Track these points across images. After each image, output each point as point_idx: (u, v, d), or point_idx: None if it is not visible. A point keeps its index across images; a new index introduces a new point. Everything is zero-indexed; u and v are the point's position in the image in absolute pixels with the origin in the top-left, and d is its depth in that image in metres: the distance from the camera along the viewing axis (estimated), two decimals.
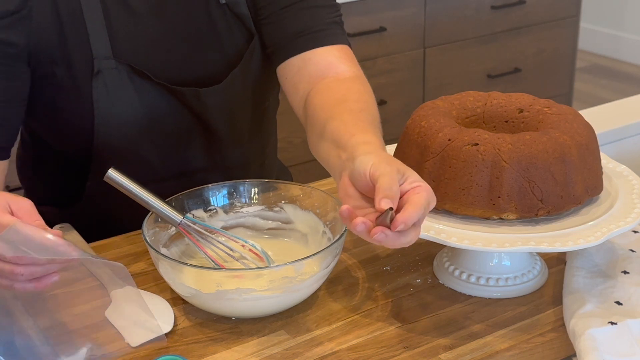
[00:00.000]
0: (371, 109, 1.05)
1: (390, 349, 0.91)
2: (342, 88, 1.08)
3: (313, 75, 1.12)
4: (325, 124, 0.99)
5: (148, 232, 0.98)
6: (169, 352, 0.91)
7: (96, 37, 1.10)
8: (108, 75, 1.11)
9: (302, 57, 1.14)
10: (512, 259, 1.01)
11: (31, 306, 0.98)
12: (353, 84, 1.10)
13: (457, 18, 2.78)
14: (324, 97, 1.07)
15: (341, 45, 1.16)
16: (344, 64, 1.14)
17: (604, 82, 4.13)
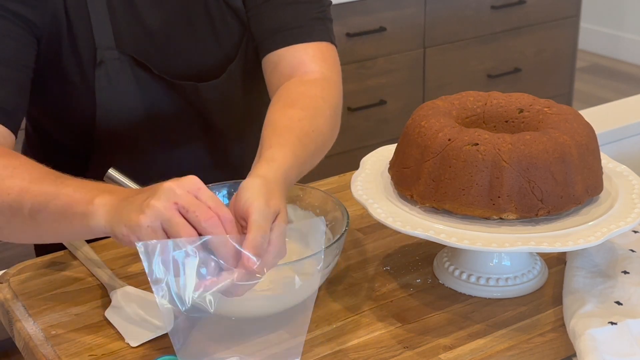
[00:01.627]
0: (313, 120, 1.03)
1: (390, 349, 0.91)
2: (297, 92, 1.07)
3: (284, 74, 1.12)
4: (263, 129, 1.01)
5: None
6: (169, 352, 0.91)
7: (99, 27, 1.10)
8: (110, 66, 1.11)
9: (277, 54, 1.14)
10: (512, 259, 1.01)
11: None
12: (310, 87, 1.09)
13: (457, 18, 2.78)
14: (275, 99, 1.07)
15: (319, 43, 1.14)
16: (315, 63, 1.13)
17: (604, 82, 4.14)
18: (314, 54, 1.13)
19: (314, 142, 1.01)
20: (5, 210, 0.91)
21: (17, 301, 1.01)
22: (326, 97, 1.08)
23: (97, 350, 0.92)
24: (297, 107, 1.03)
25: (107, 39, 1.11)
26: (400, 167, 1.00)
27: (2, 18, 1.03)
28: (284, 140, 0.96)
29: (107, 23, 1.11)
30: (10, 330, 1.00)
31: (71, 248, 1.10)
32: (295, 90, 1.08)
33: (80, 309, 0.99)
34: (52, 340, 0.93)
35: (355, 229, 1.14)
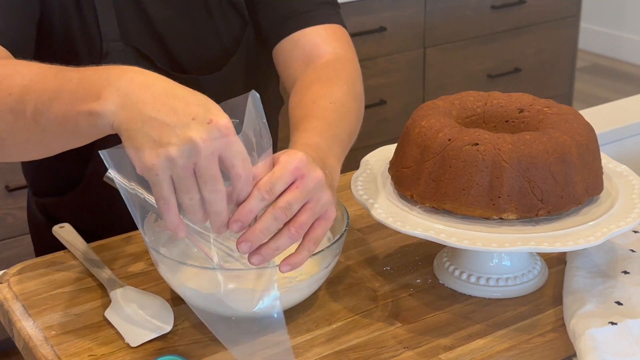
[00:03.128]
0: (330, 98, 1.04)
1: (390, 349, 0.91)
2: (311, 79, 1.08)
3: (299, 59, 1.13)
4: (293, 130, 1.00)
5: (148, 232, 0.98)
6: (169, 352, 0.91)
7: (105, 18, 1.11)
8: (116, 57, 1.12)
9: (291, 39, 1.14)
10: (512, 259, 1.01)
11: None
12: (323, 70, 1.10)
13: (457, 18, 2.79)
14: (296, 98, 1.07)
15: (330, 25, 1.16)
16: (328, 44, 1.14)
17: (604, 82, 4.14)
18: (327, 35, 1.14)
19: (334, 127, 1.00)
20: (7, 115, 0.85)
21: (17, 301, 1.01)
22: (344, 76, 1.09)
23: (97, 350, 0.92)
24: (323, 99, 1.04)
25: (113, 30, 1.12)
26: (400, 167, 1.00)
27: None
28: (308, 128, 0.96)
29: (112, 15, 1.12)
30: (10, 330, 1.00)
31: (71, 248, 1.10)
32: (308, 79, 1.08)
33: (80, 309, 0.99)
34: (52, 340, 0.93)
35: (355, 229, 1.14)
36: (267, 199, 0.80)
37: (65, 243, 1.11)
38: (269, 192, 0.80)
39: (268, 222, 0.80)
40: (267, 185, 0.80)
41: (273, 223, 0.81)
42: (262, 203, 0.80)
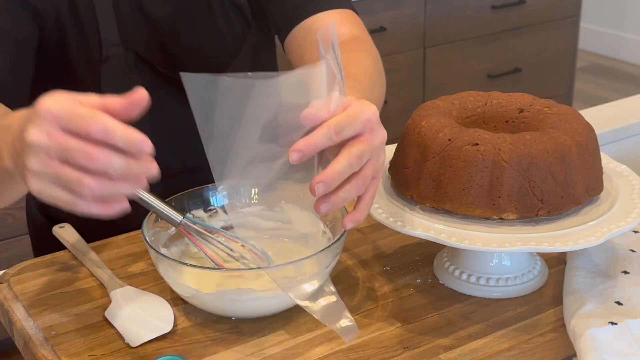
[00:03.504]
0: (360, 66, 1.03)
1: (390, 349, 0.91)
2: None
3: (315, 43, 1.13)
4: None
5: (148, 232, 0.98)
6: (169, 352, 0.91)
7: (105, 23, 1.11)
8: (116, 62, 1.12)
9: (303, 26, 1.14)
10: (512, 259, 1.01)
11: None
12: (348, 44, 1.10)
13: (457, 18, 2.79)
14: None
15: (342, 10, 1.16)
16: (343, 26, 1.14)
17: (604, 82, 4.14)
18: (341, 18, 1.14)
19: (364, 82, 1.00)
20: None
21: (17, 301, 1.01)
22: (363, 49, 1.09)
23: (97, 350, 0.92)
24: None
25: (113, 35, 1.12)
26: (400, 167, 1.00)
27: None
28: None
29: (112, 19, 1.12)
30: (10, 330, 1.00)
31: (71, 248, 1.10)
32: None
33: (80, 309, 0.99)
34: (52, 340, 0.93)
35: (355, 229, 1.14)
36: (333, 139, 0.77)
37: (65, 243, 1.11)
38: (338, 134, 0.77)
39: (344, 167, 0.78)
40: (338, 126, 0.77)
41: (347, 169, 0.78)
42: (327, 141, 0.77)
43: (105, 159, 0.71)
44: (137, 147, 0.72)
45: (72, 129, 0.71)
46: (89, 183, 0.71)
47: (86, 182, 0.71)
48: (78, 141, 0.71)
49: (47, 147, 0.71)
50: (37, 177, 0.73)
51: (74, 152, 0.70)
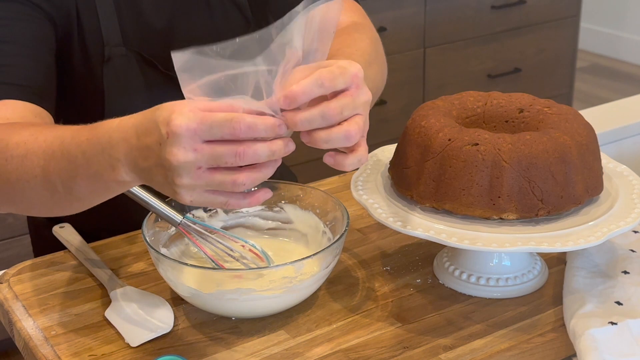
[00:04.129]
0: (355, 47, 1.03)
1: (390, 349, 0.91)
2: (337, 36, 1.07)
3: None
4: None
5: (148, 232, 0.98)
6: (169, 352, 0.91)
7: (107, 24, 1.11)
8: (118, 63, 1.12)
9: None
10: (512, 259, 1.01)
11: None
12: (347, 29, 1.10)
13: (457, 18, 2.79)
14: None
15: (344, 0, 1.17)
16: (344, 14, 1.15)
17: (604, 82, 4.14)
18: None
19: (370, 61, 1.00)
20: (43, 192, 0.89)
21: (17, 301, 1.01)
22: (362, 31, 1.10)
23: (97, 350, 0.92)
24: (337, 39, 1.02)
25: (115, 35, 1.12)
26: (400, 167, 1.00)
27: (22, 4, 1.04)
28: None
29: (114, 20, 1.12)
30: (10, 330, 1.00)
31: (71, 248, 1.10)
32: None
33: (80, 309, 0.99)
34: (52, 340, 0.93)
35: (355, 229, 1.14)
36: (326, 86, 0.77)
37: (65, 243, 1.11)
38: (330, 81, 0.77)
39: (314, 116, 0.77)
40: (330, 74, 0.77)
41: (318, 119, 0.77)
42: (318, 90, 0.76)
43: (253, 152, 0.75)
44: (277, 131, 0.76)
45: (214, 137, 0.74)
46: (242, 179, 0.76)
47: (239, 179, 0.76)
48: (224, 145, 0.74)
49: (196, 162, 0.74)
50: (189, 190, 0.77)
51: (224, 156, 0.74)
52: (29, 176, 0.89)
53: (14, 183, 0.90)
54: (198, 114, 0.74)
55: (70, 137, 0.86)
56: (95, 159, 0.82)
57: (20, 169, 0.89)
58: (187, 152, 0.74)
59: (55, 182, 0.87)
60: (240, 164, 0.75)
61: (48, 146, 0.87)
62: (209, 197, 0.78)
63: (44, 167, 0.87)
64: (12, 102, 0.99)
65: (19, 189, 0.91)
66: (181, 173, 0.75)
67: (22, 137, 0.90)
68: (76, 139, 0.85)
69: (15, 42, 1.02)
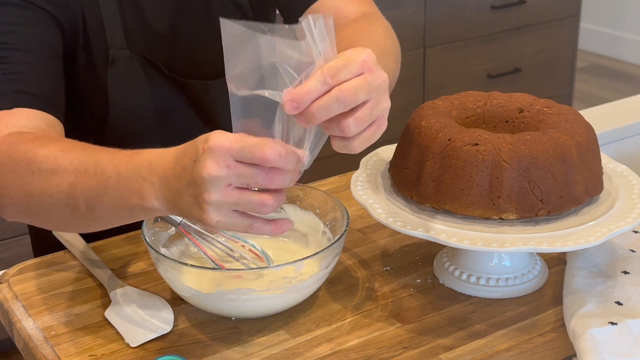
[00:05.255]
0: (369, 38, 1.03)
1: (390, 349, 0.91)
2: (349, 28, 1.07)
3: None
4: None
5: (148, 232, 0.98)
6: (169, 352, 0.91)
7: (111, 27, 1.11)
8: (122, 65, 1.12)
9: (311, 11, 1.14)
10: (512, 259, 1.01)
11: None
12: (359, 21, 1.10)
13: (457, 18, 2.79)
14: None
15: None
16: (352, 5, 1.14)
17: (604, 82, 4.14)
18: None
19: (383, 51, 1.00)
20: (64, 208, 0.89)
21: (17, 301, 1.01)
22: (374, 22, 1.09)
23: (97, 350, 0.92)
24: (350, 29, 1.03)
25: (119, 38, 1.12)
26: (400, 167, 1.00)
27: (31, 10, 1.04)
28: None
29: (118, 23, 1.12)
30: (10, 330, 1.00)
31: (71, 248, 1.10)
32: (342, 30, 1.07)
33: (80, 309, 0.99)
34: (52, 340, 0.93)
35: (355, 229, 1.14)
36: (329, 83, 0.76)
37: (65, 243, 1.11)
38: (333, 77, 0.76)
39: (330, 101, 0.76)
40: (332, 69, 0.76)
41: (334, 104, 0.76)
42: (323, 87, 0.76)
43: (282, 178, 0.76)
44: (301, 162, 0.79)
45: (245, 159, 0.75)
46: (269, 201, 0.77)
47: (267, 200, 0.77)
48: (255, 167, 0.76)
49: (227, 177, 0.75)
50: (217, 208, 0.77)
51: (255, 176, 0.76)
52: (53, 191, 0.89)
53: (35, 196, 0.91)
54: (233, 136, 0.76)
55: (108, 159, 0.86)
56: (129, 181, 0.83)
57: (46, 183, 0.89)
58: (219, 167, 0.75)
59: (79, 200, 0.88)
60: (269, 186, 0.77)
61: (81, 163, 0.88)
62: (236, 219, 0.79)
63: (72, 183, 0.88)
64: (25, 111, 1.00)
65: (40, 203, 0.91)
66: (211, 188, 0.76)
67: (51, 152, 0.90)
68: (115, 160, 0.86)
69: (25, 49, 1.03)
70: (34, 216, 0.95)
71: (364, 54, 0.78)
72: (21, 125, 0.97)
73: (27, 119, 0.99)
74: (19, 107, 0.99)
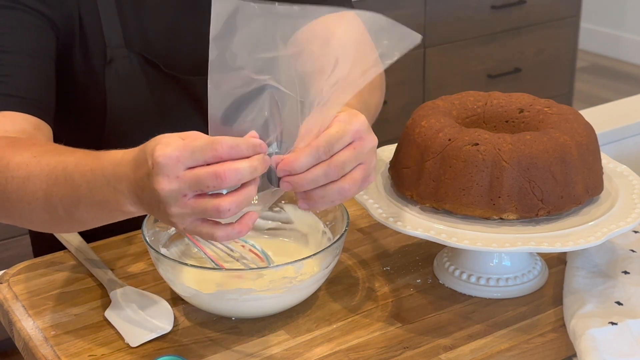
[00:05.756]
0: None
1: (390, 349, 0.91)
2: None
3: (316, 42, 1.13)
4: None
5: (148, 232, 0.98)
6: (169, 352, 0.91)
7: (109, 26, 1.11)
8: (120, 64, 1.12)
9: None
10: (513, 259, 1.01)
11: None
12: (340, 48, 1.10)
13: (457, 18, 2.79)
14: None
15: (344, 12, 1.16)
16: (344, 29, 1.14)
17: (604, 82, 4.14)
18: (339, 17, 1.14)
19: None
20: (43, 214, 0.90)
21: (16, 301, 1.01)
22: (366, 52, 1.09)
23: (97, 350, 0.92)
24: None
25: (117, 37, 1.12)
26: (400, 167, 1.00)
27: (23, 12, 1.04)
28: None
29: (116, 22, 1.12)
30: (10, 330, 1.00)
31: (71, 248, 1.10)
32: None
33: (80, 309, 0.99)
34: (52, 340, 0.93)
35: (355, 229, 1.14)
36: (322, 158, 0.78)
37: (65, 243, 1.11)
38: (327, 153, 0.78)
39: (318, 175, 0.79)
40: (327, 145, 0.78)
41: (322, 178, 0.79)
42: (315, 161, 0.78)
43: (234, 171, 0.75)
44: (259, 149, 0.77)
45: (197, 163, 0.75)
46: (225, 204, 0.75)
47: (223, 204, 0.75)
48: (204, 169, 0.75)
49: (180, 189, 0.75)
50: (180, 219, 0.78)
51: (205, 180, 0.75)
52: (30, 198, 0.90)
53: (14, 203, 0.91)
54: (180, 142, 0.76)
55: (74, 165, 0.86)
56: (99, 190, 0.83)
57: (21, 191, 0.90)
58: (170, 180, 0.75)
59: (56, 206, 0.88)
60: (223, 185, 0.75)
61: (51, 170, 0.88)
62: (199, 227, 0.79)
63: (46, 190, 0.88)
64: (11, 114, 1.00)
65: (19, 209, 0.92)
66: (169, 202, 0.76)
67: (24, 158, 0.91)
68: (80, 167, 0.86)
69: (15, 52, 1.03)
70: (15, 219, 0.96)
71: (357, 123, 0.80)
72: (5, 130, 0.98)
73: (13, 122, 0.99)
74: (5, 109, 1.00)
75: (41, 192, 0.88)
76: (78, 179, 0.85)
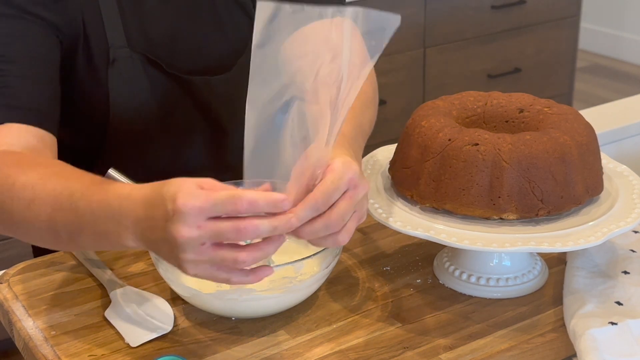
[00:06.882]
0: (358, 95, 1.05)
1: (391, 349, 0.91)
2: None
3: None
4: None
5: None
6: (169, 352, 0.91)
7: (111, 26, 1.11)
8: (123, 65, 1.12)
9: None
10: (513, 259, 1.01)
11: None
12: None
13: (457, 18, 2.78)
14: None
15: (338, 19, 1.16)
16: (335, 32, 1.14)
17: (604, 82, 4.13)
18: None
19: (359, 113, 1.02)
20: (46, 235, 0.91)
21: (17, 301, 1.01)
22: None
23: (97, 350, 0.92)
24: None
25: (119, 38, 1.12)
26: (400, 167, 1.00)
27: (27, 21, 1.04)
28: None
29: (118, 22, 1.12)
30: (10, 330, 1.00)
31: None
32: None
33: (80, 309, 0.99)
34: (52, 340, 0.93)
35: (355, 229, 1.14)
36: (321, 210, 0.80)
37: None
38: (325, 205, 0.80)
39: (320, 229, 0.81)
40: (325, 198, 0.80)
41: (322, 230, 0.81)
42: (313, 214, 0.80)
43: (254, 228, 0.77)
44: (280, 207, 0.78)
45: (218, 214, 0.77)
46: (243, 257, 0.78)
47: (240, 257, 0.78)
48: (227, 222, 0.76)
49: (199, 238, 0.77)
50: (194, 265, 0.79)
51: (226, 233, 0.76)
52: (34, 220, 0.90)
53: (18, 222, 0.92)
54: (202, 193, 0.77)
55: (80, 193, 0.87)
56: (103, 221, 0.84)
57: (26, 213, 0.90)
58: (191, 229, 0.76)
59: (59, 231, 0.89)
60: (242, 239, 0.77)
61: (57, 196, 0.88)
62: (213, 273, 0.80)
63: (50, 215, 0.88)
64: (16, 126, 1.00)
65: (23, 228, 0.93)
66: (186, 249, 0.77)
67: (30, 179, 0.91)
68: (86, 196, 0.86)
69: (18, 62, 1.03)
70: (19, 236, 0.96)
71: (350, 171, 0.82)
72: (9, 143, 0.98)
73: (18, 135, 0.99)
74: (9, 122, 1.00)
75: (45, 215, 0.89)
76: (83, 208, 0.86)
